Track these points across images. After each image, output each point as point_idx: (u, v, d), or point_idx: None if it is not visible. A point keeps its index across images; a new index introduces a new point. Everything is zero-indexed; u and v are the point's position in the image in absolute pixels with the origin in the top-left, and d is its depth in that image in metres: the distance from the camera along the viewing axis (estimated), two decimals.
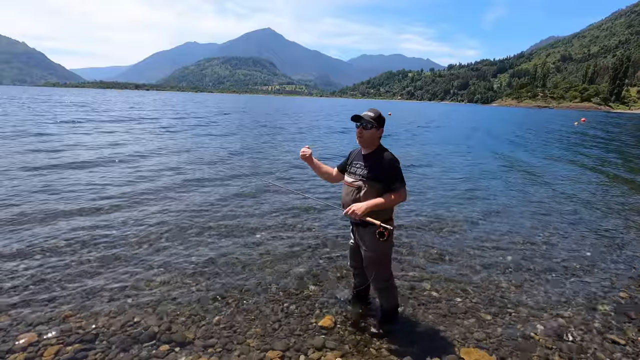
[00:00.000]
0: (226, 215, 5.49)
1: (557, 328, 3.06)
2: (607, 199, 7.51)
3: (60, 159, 9.12)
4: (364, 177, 2.63)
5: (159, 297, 3.27)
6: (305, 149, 2.89)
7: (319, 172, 3.03)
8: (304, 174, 8.61)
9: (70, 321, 2.88)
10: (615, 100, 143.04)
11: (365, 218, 2.54)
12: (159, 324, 2.90)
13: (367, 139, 2.65)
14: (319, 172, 3.03)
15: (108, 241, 4.38)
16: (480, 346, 2.80)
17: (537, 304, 3.41)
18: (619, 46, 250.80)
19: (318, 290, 3.50)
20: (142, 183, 7.20)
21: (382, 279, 2.86)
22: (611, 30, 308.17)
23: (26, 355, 2.53)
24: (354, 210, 2.52)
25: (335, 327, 2.97)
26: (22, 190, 6.26)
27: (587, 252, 4.67)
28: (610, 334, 3.02)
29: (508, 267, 4.17)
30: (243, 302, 3.27)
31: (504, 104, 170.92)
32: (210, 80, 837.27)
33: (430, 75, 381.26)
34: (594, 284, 3.85)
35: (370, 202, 2.55)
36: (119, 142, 12.54)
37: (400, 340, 2.82)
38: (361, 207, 2.52)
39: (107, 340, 2.70)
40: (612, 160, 13.18)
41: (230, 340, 2.77)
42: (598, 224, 5.84)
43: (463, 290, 3.63)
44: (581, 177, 9.89)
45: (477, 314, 3.23)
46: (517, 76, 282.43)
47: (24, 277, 3.49)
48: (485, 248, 4.68)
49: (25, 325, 2.81)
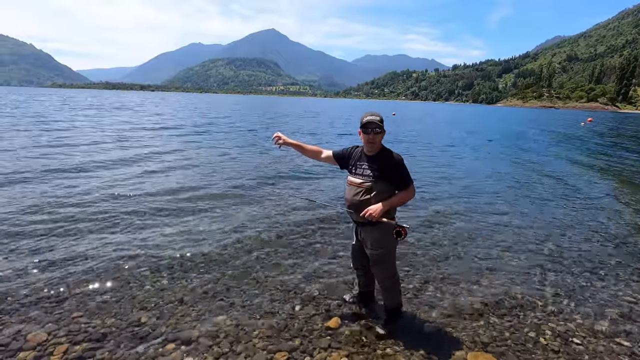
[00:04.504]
0: (228, 217, 5.51)
1: (564, 332, 3.03)
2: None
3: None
4: (374, 178, 2.65)
5: (165, 297, 3.29)
6: (275, 135, 2.99)
7: (302, 151, 3.06)
8: (307, 176, 8.62)
9: (79, 321, 2.91)
10: (623, 100, 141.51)
11: (381, 219, 2.59)
12: (165, 324, 2.92)
13: (378, 142, 2.70)
14: (302, 151, 3.06)
15: (113, 242, 4.42)
16: (487, 350, 2.78)
17: (545, 308, 3.38)
18: (625, 45, 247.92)
19: (323, 291, 3.50)
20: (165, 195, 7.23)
21: (388, 276, 2.89)
22: (618, 30, 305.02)
23: (35, 354, 2.56)
24: (371, 213, 2.56)
25: (340, 327, 2.97)
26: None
27: (596, 256, 4.62)
28: (618, 337, 2.99)
29: (516, 269, 4.14)
30: (249, 302, 3.27)
31: (509, 104, 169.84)
32: (215, 81, 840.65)
33: (435, 76, 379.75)
34: (603, 288, 3.81)
35: (386, 202, 2.61)
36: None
37: (406, 342, 2.81)
38: (377, 208, 2.57)
39: (115, 340, 2.72)
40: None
41: (236, 340, 2.78)
42: (613, 229, 5.77)
43: (469, 291, 3.61)
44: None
45: (484, 316, 3.21)
46: (523, 76, 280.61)
47: (34, 277, 3.54)
48: (492, 249, 4.65)
49: (34, 325, 2.84)
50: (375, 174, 2.65)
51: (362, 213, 2.60)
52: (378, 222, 2.62)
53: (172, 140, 14.14)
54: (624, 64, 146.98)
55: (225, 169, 9.01)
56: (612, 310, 3.38)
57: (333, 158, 2.98)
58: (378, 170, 2.65)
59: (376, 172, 2.66)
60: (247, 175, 8.44)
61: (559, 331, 3.04)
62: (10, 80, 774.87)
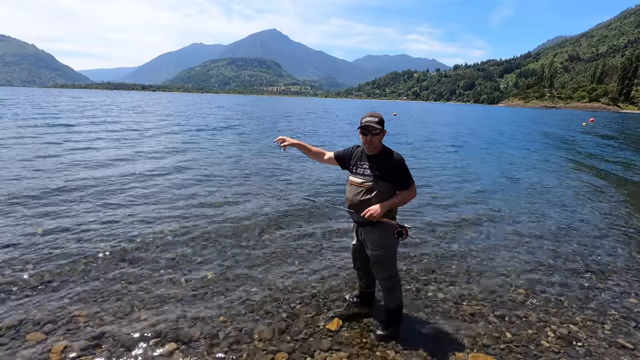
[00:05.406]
0: (229, 218, 5.50)
1: (566, 334, 3.01)
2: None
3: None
4: (375, 177, 2.64)
5: (165, 297, 3.28)
6: (278, 138, 2.98)
7: (306, 152, 3.06)
8: (307, 176, 8.61)
9: (78, 320, 2.91)
10: (624, 100, 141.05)
11: (382, 219, 2.57)
12: (165, 323, 2.91)
13: (377, 144, 2.69)
14: (306, 152, 3.06)
15: (114, 241, 4.42)
16: (488, 352, 2.76)
17: (547, 309, 3.36)
18: (628, 45, 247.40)
19: (324, 292, 3.49)
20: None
21: (388, 277, 2.87)
22: (620, 30, 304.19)
23: (34, 352, 2.55)
24: (371, 213, 2.55)
25: (341, 329, 2.96)
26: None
27: (598, 257, 4.60)
28: (619, 339, 2.97)
29: (518, 270, 4.12)
30: (249, 303, 3.26)
31: (510, 105, 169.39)
32: (216, 82, 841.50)
33: (436, 76, 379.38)
34: (605, 289, 3.78)
35: (386, 202, 2.59)
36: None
37: (407, 343, 2.79)
38: (378, 208, 2.56)
39: (114, 339, 2.71)
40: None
41: (237, 340, 2.77)
42: (617, 230, 5.74)
43: (470, 292, 3.59)
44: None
45: (486, 317, 3.19)
46: (524, 76, 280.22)
47: (33, 277, 3.53)
48: (494, 250, 4.63)
49: (33, 324, 2.84)
50: (376, 173, 2.64)
51: (362, 213, 2.59)
52: (379, 222, 2.61)
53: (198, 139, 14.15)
54: (626, 64, 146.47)
55: (225, 169, 9.01)
56: (615, 312, 3.36)
57: (334, 158, 2.98)
58: (378, 170, 2.64)
59: (377, 172, 2.64)
60: (246, 175, 8.43)
61: (560, 332, 3.02)
62: (13, 81, 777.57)
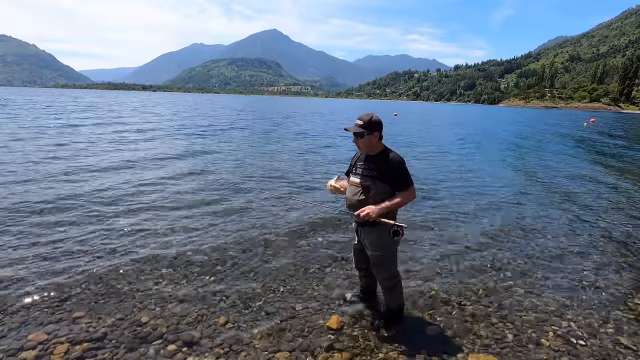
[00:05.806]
0: (228, 217, 5.50)
1: (568, 334, 3.01)
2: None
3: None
4: (372, 177, 2.64)
5: (166, 298, 3.29)
6: (328, 186, 2.99)
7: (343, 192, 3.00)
8: (307, 176, 8.61)
9: (80, 321, 2.91)
10: (625, 100, 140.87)
11: (379, 219, 2.56)
12: (166, 324, 2.92)
13: (365, 146, 2.69)
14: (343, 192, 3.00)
15: (116, 243, 4.43)
16: (489, 352, 2.76)
17: (548, 309, 3.36)
18: (628, 46, 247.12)
19: (324, 291, 3.49)
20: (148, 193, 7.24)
21: (389, 277, 2.87)
22: (621, 30, 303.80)
23: (36, 353, 2.56)
24: (368, 213, 2.54)
25: (342, 328, 2.96)
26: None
27: (599, 257, 4.59)
28: (622, 339, 2.97)
29: (519, 270, 4.12)
30: (249, 302, 3.27)
31: (511, 105, 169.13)
32: (217, 82, 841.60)
33: (437, 76, 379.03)
34: (606, 289, 3.78)
35: (384, 204, 2.58)
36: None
37: (408, 343, 2.79)
38: (375, 209, 2.54)
39: (116, 340, 2.72)
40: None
41: (237, 340, 2.77)
42: (619, 231, 5.73)
43: (472, 292, 3.59)
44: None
45: (487, 318, 3.19)
46: (525, 76, 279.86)
47: (35, 278, 3.54)
48: (495, 250, 4.63)
49: (35, 325, 2.85)
50: (374, 174, 2.64)
51: (357, 212, 2.58)
52: (376, 222, 2.60)
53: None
54: (626, 64, 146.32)
55: (225, 169, 9.01)
56: (616, 311, 3.36)
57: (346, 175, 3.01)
58: (376, 170, 2.64)
59: (374, 172, 2.64)
60: (247, 176, 8.44)
61: (561, 332, 3.02)
62: (14, 81, 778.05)
